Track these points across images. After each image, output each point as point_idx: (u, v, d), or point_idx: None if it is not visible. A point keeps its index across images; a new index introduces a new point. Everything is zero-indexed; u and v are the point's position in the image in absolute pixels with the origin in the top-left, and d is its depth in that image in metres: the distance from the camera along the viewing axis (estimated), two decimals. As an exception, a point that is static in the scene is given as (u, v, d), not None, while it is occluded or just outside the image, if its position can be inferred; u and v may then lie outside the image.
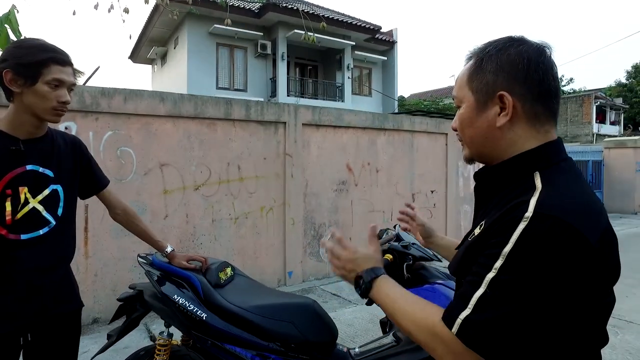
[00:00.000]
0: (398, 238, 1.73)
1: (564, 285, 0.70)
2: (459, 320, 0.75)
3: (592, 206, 0.76)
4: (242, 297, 1.76)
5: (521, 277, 0.70)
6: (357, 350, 1.85)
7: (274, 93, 15.74)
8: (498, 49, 0.83)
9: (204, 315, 1.67)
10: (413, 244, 1.70)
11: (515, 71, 0.81)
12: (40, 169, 1.38)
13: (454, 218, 6.67)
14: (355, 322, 3.77)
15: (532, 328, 0.71)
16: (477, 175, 0.93)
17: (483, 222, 0.84)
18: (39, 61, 1.27)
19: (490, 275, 0.73)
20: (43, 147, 1.40)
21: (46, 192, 1.39)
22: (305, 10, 6.96)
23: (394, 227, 1.81)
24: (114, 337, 1.90)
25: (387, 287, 0.91)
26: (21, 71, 1.26)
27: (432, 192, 6.41)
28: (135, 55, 19.60)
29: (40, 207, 1.37)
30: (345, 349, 1.83)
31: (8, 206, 1.30)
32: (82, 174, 1.56)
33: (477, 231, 0.84)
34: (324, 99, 16.38)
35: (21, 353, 1.41)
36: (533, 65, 0.80)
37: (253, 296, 1.81)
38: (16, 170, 1.31)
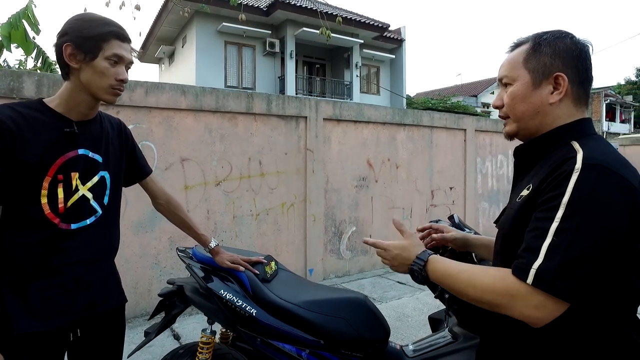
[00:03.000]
0: (459, 228, 1.63)
1: (617, 222, 0.78)
2: (532, 271, 0.79)
3: (628, 164, 0.86)
4: (291, 292, 1.67)
5: (582, 220, 0.77)
6: (410, 347, 1.75)
7: (282, 91, 15.64)
8: (555, 36, 0.94)
9: (253, 311, 1.57)
10: (476, 233, 1.60)
11: (570, 57, 0.92)
12: (91, 154, 1.29)
13: (472, 215, 6.54)
14: (382, 321, 3.67)
15: (599, 265, 0.78)
16: (518, 149, 1.02)
17: (530, 184, 0.91)
18: (100, 34, 1.18)
19: (554, 225, 0.79)
20: (94, 131, 1.32)
21: (95, 179, 1.30)
22: (315, 9, 6.90)
23: (451, 217, 1.71)
24: (152, 335, 1.81)
25: (443, 267, 0.97)
26: (82, 45, 1.17)
27: (450, 189, 6.29)
28: (143, 55, 19.58)
29: (89, 195, 1.29)
30: (398, 347, 1.73)
31: (60, 193, 1.21)
32: (126, 160, 1.48)
33: (525, 192, 0.91)
34: (332, 98, 16.25)
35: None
36: (583, 55, 0.93)
37: (302, 291, 1.71)
38: (68, 154, 1.22)
